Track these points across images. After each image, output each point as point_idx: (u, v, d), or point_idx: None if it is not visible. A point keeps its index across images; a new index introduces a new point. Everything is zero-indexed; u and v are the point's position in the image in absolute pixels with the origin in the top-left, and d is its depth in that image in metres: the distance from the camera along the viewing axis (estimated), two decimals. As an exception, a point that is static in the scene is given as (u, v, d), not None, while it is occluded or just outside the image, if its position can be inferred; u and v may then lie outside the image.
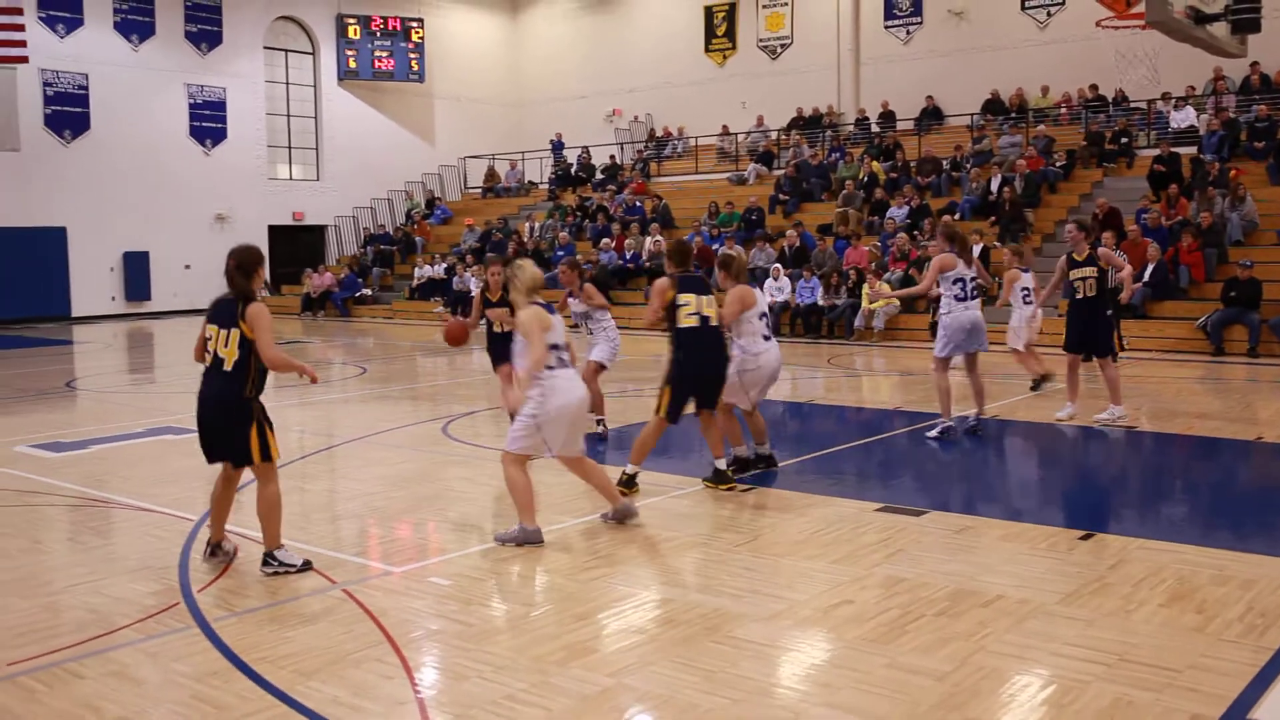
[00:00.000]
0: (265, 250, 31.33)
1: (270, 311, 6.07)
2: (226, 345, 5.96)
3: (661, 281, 7.96)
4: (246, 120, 31.16)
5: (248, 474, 6.27)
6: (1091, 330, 10.46)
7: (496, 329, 9.53)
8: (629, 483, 7.86)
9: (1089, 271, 10.37)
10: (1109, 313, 10.55)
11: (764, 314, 8.41)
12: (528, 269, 6.73)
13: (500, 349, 9.49)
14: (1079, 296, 10.46)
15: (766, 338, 8.36)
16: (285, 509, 7.89)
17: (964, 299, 9.97)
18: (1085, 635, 5.05)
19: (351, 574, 6.20)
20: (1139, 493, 8.61)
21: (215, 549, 6.35)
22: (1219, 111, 22.86)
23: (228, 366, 5.96)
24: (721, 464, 8.11)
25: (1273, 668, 4.64)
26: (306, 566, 6.10)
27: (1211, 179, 20.11)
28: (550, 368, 6.53)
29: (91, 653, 5.05)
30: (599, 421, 10.05)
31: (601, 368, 9.91)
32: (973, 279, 10.01)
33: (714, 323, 7.87)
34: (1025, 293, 12.22)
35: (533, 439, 6.57)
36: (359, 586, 5.94)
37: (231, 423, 6.01)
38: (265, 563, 6.09)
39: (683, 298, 7.80)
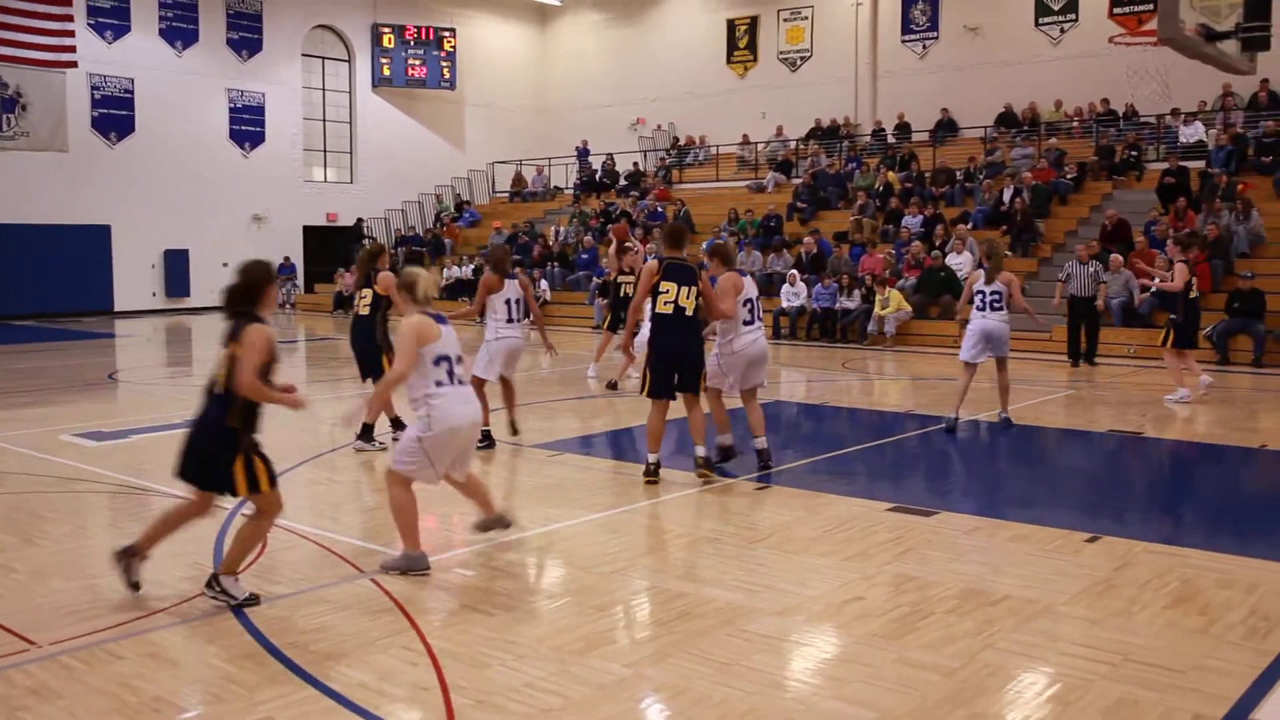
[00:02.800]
0: (299, 249, 32.45)
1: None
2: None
3: (650, 264, 8.21)
4: (284, 124, 32.15)
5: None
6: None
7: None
8: (653, 472, 8.29)
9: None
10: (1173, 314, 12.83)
11: (749, 300, 8.56)
12: (426, 278, 6.16)
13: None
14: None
15: (748, 323, 8.54)
16: (316, 499, 8.17)
17: (982, 309, 10.72)
18: (1090, 635, 5.13)
19: (380, 563, 6.27)
20: (1145, 497, 8.80)
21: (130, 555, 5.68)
22: (1227, 127, 23.29)
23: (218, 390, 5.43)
24: (701, 451, 8.34)
25: (1275, 670, 4.71)
26: (251, 600, 5.55)
27: (1219, 192, 20.52)
28: (439, 384, 5.96)
29: (129, 634, 5.17)
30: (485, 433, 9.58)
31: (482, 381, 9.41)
32: (994, 291, 10.68)
33: (689, 312, 8.08)
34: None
35: (419, 462, 6.02)
36: (386, 575, 6.05)
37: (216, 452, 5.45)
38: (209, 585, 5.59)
39: (664, 284, 8.10)
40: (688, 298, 8.09)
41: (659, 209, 28.33)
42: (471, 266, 28.45)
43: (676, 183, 31.59)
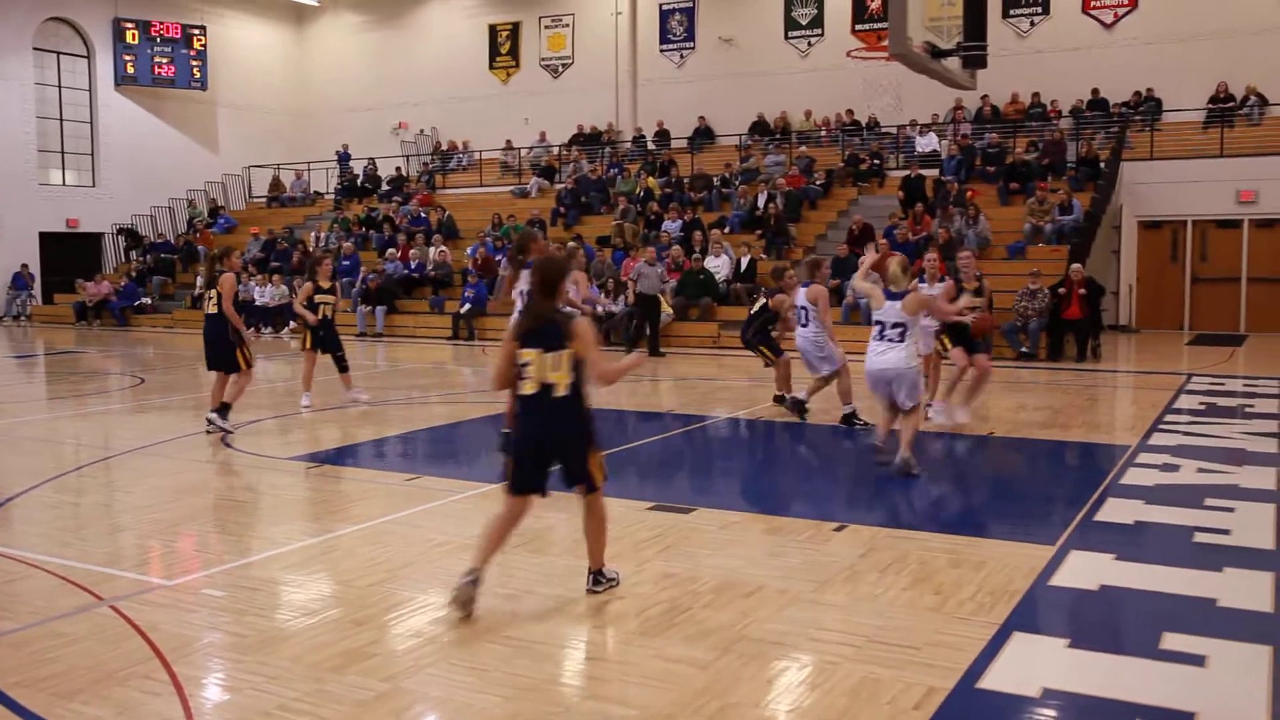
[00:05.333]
0: (35, 257, 30.46)
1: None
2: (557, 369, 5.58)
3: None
4: (13, 123, 29.97)
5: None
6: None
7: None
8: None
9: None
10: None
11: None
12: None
13: None
14: None
15: None
16: (55, 524, 7.66)
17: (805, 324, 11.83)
18: (838, 620, 5.40)
19: (122, 589, 5.96)
20: (889, 486, 8.99)
21: None
22: (958, 138, 25.10)
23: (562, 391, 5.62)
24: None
25: (998, 641, 5.08)
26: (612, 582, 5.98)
27: (951, 199, 22.01)
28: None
29: None
30: None
31: None
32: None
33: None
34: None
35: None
36: (129, 602, 5.72)
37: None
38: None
39: None
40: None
41: (422, 214, 28.08)
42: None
43: (440, 188, 31.40)
